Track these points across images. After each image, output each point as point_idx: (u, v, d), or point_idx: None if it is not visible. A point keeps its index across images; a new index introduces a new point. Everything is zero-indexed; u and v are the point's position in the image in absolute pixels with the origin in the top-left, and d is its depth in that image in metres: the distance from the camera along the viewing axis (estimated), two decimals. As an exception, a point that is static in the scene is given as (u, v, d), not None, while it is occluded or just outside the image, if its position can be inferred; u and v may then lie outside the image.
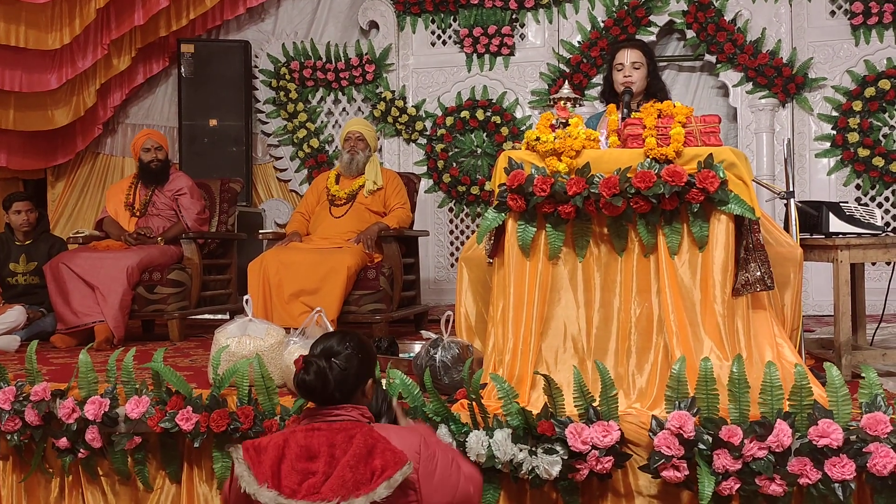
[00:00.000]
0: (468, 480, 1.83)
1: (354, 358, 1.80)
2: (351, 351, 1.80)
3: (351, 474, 1.63)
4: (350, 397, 1.79)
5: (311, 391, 1.77)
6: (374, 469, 1.64)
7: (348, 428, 1.71)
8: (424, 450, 1.74)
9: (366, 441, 1.67)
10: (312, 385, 1.75)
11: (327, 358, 1.78)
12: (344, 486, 1.62)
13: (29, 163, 5.98)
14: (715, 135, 2.51)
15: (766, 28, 5.33)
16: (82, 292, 4.00)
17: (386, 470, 1.63)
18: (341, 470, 1.64)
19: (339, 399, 1.77)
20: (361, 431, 1.70)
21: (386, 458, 1.65)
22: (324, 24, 6.16)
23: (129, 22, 5.70)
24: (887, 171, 5.16)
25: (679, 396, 2.16)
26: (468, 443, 2.21)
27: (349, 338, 1.83)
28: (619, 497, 2.23)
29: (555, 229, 2.48)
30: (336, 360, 1.77)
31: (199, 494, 2.55)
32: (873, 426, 2.01)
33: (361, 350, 1.83)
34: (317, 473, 1.65)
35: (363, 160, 4.26)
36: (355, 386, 1.80)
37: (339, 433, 1.70)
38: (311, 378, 1.75)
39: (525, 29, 5.77)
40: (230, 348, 2.66)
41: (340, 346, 1.80)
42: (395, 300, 4.01)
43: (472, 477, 1.87)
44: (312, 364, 1.76)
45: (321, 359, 1.77)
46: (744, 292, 2.46)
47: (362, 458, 1.65)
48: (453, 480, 1.78)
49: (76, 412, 2.57)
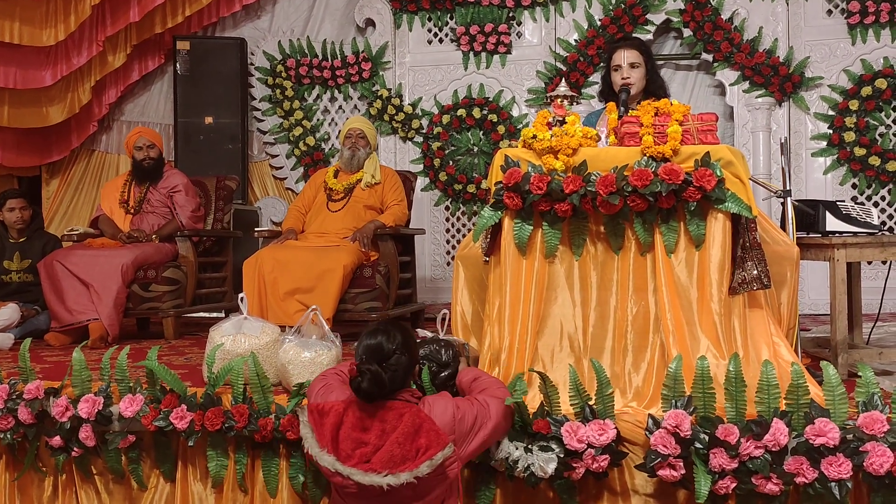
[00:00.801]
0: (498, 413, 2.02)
1: (403, 356, 1.97)
2: (399, 351, 1.97)
3: (399, 450, 1.82)
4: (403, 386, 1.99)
5: (370, 396, 1.91)
6: (419, 447, 1.83)
7: (399, 407, 1.91)
8: (457, 412, 1.94)
9: (413, 421, 1.86)
10: (369, 391, 1.90)
11: (379, 363, 1.93)
12: (392, 460, 1.81)
13: (23, 160, 5.96)
14: (712, 133, 2.51)
15: (763, 27, 5.33)
16: (77, 290, 3.99)
17: (430, 449, 1.82)
18: (390, 445, 1.83)
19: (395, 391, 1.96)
20: (410, 411, 1.89)
21: (430, 438, 1.84)
22: (320, 21, 6.15)
23: (124, 18, 5.69)
24: (883, 170, 5.17)
25: (675, 395, 2.15)
26: (464, 441, 2.20)
27: (393, 335, 1.98)
28: (616, 495, 2.23)
29: (551, 227, 2.48)
30: (387, 364, 1.94)
31: (194, 493, 2.54)
32: (870, 425, 2.00)
33: (407, 345, 2.00)
34: (368, 444, 1.84)
35: (364, 157, 4.26)
36: (407, 378, 2.00)
37: (391, 411, 1.89)
38: (367, 386, 1.89)
39: (522, 27, 5.76)
40: (225, 346, 2.64)
41: (388, 346, 1.96)
42: (391, 298, 4.00)
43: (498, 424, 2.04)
44: (366, 373, 1.90)
45: (372, 363, 1.92)
46: (740, 291, 2.46)
47: (409, 437, 1.84)
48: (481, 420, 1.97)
49: (70, 410, 2.56)
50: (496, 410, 2.04)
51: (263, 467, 2.44)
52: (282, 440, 2.40)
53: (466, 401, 2.04)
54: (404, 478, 1.79)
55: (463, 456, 1.98)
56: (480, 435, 1.99)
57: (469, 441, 1.97)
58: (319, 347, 2.56)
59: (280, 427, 2.37)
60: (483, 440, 2.01)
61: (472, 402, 2.04)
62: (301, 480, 2.40)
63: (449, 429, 1.91)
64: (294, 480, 2.41)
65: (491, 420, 2.02)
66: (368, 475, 1.80)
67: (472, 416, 1.98)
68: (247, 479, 2.47)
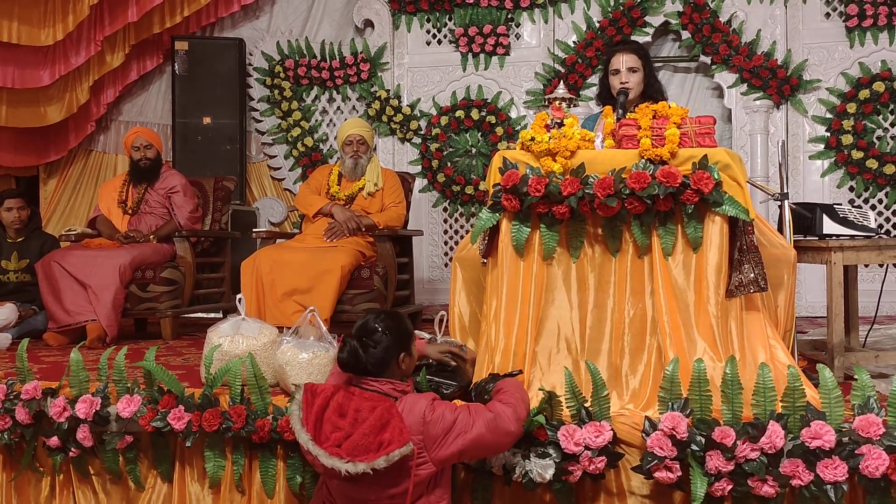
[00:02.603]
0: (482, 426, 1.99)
1: (385, 337, 2.03)
2: (382, 330, 2.04)
3: (363, 440, 1.89)
4: (384, 370, 2.04)
5: (346, 366, 2.04)
6: (381, 441, 1.89)
7: (375, 399, 1.97)
8: (428, 414, 1.96)
9: (383, 415, 1.92)
10: (346, 361, 2.03)
11: (360, 338, 2.03)
12: (356, 448, 1.88)
13: (21, 160, 5.95)
14: (710, 136, 2.51)
15: (761, 30, 5.34)
16: (74, 291, 3.98)
17: (391, 444, 1.88)
18: (358, 434, 1.90)
19: (372, 371, 2.03)
20: (384, 405, 1.94)
21: (394, 433, 1.89)
22: (318, 22, 6.15)
23: (122, 18, 5.68)
24: (881, 173, 5.18)
25: (672, 397, 2.16)
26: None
27: (384, 318, 2.08)
28: (612, 497, 2.23)
29: (549, 230, 2.48)
30: (368, 340, 2.03)
31: (191, 493, 2.54)
32: (866, 428, 2.01)
33: (393, 329, 2.05)
34: (342, 430, 1.92)
35: (366, 163, 4.24)
36: (386, 361, 2.04)
37: (367, 402, 1.96)
38: (345, 356, 2.02)
39: (520, 28, 5.76)
40: (223, 347, 2.64)
41: (373, 325, 2.05)
42: (389, 299, 4.00)
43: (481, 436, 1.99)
44: (347, 343, 2.03)
45: (355, 338, 2.03)
46: (737, 293, 2.46)
47: (376, 429, 1.90)
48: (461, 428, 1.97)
49: (67, 411, 2.56)
50: (482, 423, 1.99)
51: (261, 468, 2.45)
52: (279, 441, 2.40)
53: (452, 406, 2.01)
54: (361, 468, 1.86)
55: (436, 459, 1.96)
56: (458, 442, 1.96)
57: (442, 445, 1.95)
58: (317, 348, 2.57)
59: (277, 428, 2.37)
60: (462, 448, 1.97)
61: (461, 409, 2.01)
62: (298, 481, 2.40)
63: (416, 429, 1.94)
64: (291, 481, 2.41)
65: (472, 431, 1.97)
66: (332, 458, 1.88)
67: (449, 421, 1.96)
68: (244, 479, 2.48)
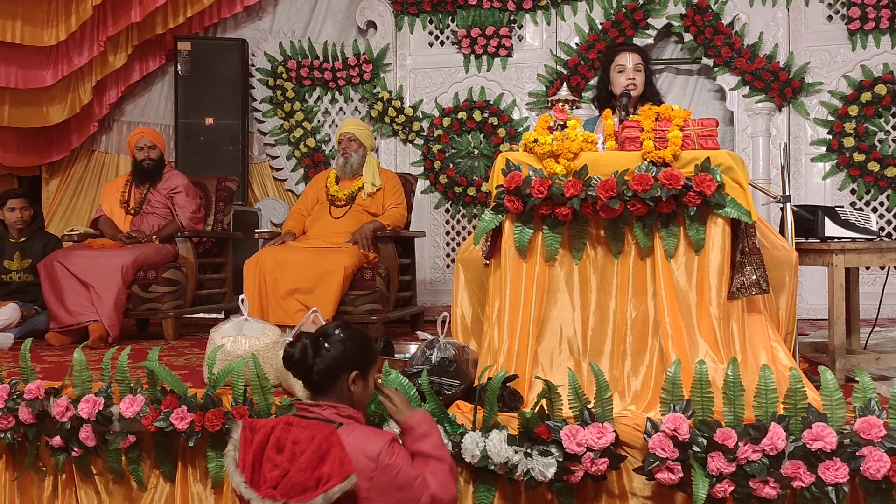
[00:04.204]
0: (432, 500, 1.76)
1: (341, 345, 1.81)
2: (340, 338, 1.82)
3: (300, 477, 1.65)
4: (330, 383, 1.81)
5: (290, 361, 1.82)
6: (320, 476, 1.64)
7: (314, 427, 1.72)
8: (385, 457, 1.71)
9: (321, 445, 1.67)
10: (290, 356, 1.81)
11: (315, 338, 1.82)
12: (293, 489, 1.65)
13: (23, 160, 5.96)
14: (712, 138, 2.52)
15: (764, 32, 5.34)
16: (77, 291, 3.99)
17: (330, 480, 1.63)
18: (294, 471, 1.66)
19: (317, 381, 1.80)
20: (322, 434, 1.69)
21: (334, 466, 1.64)
22: (321, 23, 6.15)
23: (125, 19, 5.69)
24: (882, 175, 5.18)
25: (674, 399, 2.16)
26: (463, 444, 2.21)
27: (346, 328, 1.86)
28: (614, 498, 2.24)
29: (552, 231, 2.49)
30: (322, 342, 1.81)
31: (193, 494, 2.55)
32: (867, 430, 2.01)
33: (353, 341, 1.83)
34: (279, 467, 1.69)
35: (358, 161, 4.25)
36: (335, 372, 1.80)
37: (306, 431, 1.71)
38: (294, 351, 1.81)
39: (523, 30, 5.77)
40: (225, 347, 2.65)
41: (333, 331, 1.84)
42: (391, 301, 4.01)
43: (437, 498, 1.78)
44: (300, 340, 1.82)
45: (310, 337, 1.83)
46: (739, 295, 2.47)
47: (313, 463, 1.66)
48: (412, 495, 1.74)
49: (70, 410, 2.56)
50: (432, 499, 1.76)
51: (263, 468, 2.45)
52: (282, 441, 2.40)
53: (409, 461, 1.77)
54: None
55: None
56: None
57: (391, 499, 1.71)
58: (320, 349, 2.57)
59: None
60: None
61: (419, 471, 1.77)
62: (300, 482, 2.41)
63: (365, 471, 1.67)
64: (293, 481, 2.41)
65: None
66: (265, 502, 1.65)
67: (403, 478, 1.72)
68: (246, 479, 2.48)
